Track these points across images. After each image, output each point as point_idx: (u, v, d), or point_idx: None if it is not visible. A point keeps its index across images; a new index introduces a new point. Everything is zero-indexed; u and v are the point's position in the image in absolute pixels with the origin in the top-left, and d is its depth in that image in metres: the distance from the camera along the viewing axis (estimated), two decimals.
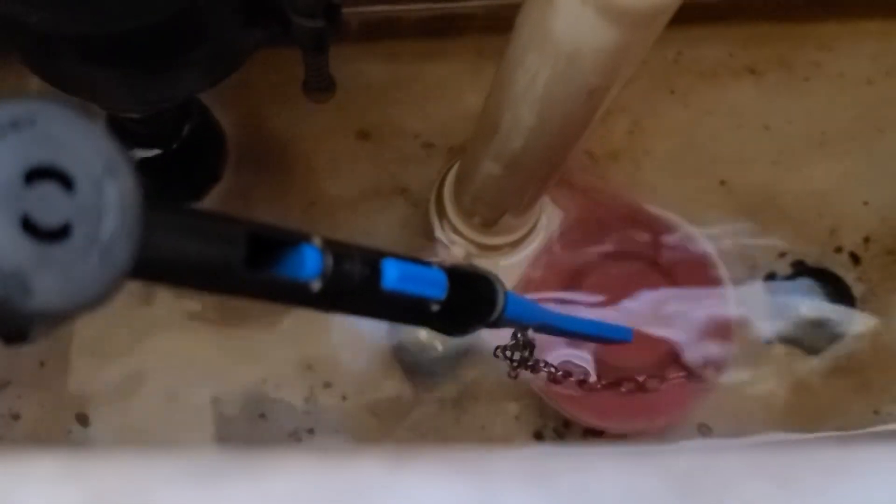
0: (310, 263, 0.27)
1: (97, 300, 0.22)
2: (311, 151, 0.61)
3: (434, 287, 0.31)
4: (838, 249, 0.60)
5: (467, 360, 0.56)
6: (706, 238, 0.57)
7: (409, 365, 0.57)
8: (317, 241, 0.28)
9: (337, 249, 0.28)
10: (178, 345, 0.57)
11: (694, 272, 0.55)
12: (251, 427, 0.55)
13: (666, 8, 0.30)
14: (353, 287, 0.28)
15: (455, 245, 0.55)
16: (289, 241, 0.27)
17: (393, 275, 0.29)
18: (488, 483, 0.15)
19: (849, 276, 0.59)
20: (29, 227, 0.21)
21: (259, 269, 0.26)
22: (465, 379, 0.56)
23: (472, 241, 0.55)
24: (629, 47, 0.32)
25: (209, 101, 0.57)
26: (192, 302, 0.57)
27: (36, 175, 0.21)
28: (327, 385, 0.56)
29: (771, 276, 0.59)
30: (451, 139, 0.61)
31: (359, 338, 0.58)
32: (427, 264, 0.31)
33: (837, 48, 0.64)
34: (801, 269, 0.59)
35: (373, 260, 0.29)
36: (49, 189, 0.21)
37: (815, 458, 0.16)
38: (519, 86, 0.37)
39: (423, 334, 0.57)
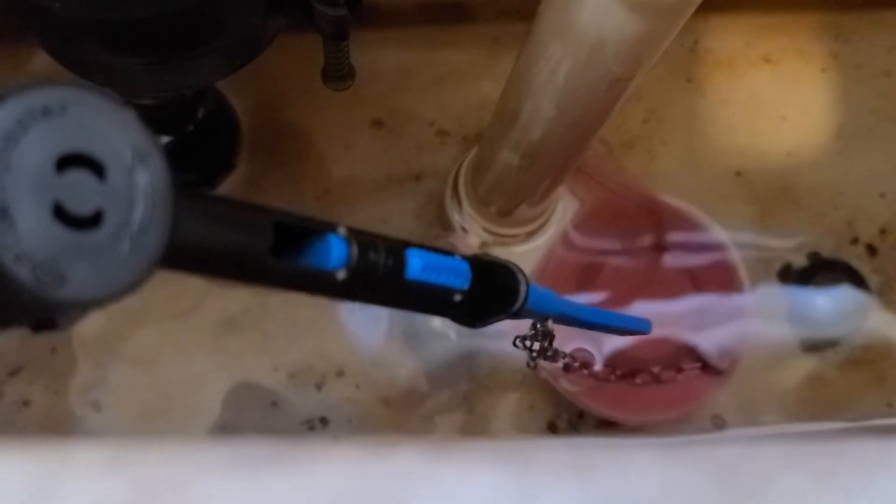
0: (335, 253, 0.27)
1: (128, 289, 0.22)
2: (325, 139, 0.60)
3: (457, 277, 0.31)
4: (854, 241, 0.60)
5: (481, 350, 0.56)
6: (722, 229, 0.57)
7: (423, 354, 0.57)
8: (342, 231, 0.28)
9: (362, 239, 0.28)
10: (191, 332, 0.57)
11: (710, 264, 0.55)
12: (263, 415, 0.55)
13: (689, 0, 0.30)
14: (378, 277, 0.28)
15: (470, 234, 0.55)
16: (315, 231, 0.27)
17: (417, 264, 0.29)
18: (527, 475, 0.15)
19: (864, 267, 0.59)
20: (61, 214, 0.21)
21: (285, 258, 0.26)
22: (479, 369, 0.56)
23: (487, 230, 0.55)
24: (653, 38, 0.32)
25: (223, 86, 0.57)
26: (205, 287, 0.57)
27: (67, 162, 0.21)
28: (340, 374, 0.56)
29: (786, 268, 0.59)
30: (466, 127, 0.61)
31: (372, 326, 0.58)
32: (450, 254, 0.31)
33: (855, 39, 0.63)
34: (816, 261, 0.59)
35: (397, 250, 0.29)
36: (80, 176, 0.21)
37: (853, 451, 0.16)
38: (540, 76, 0.37)
39: (437, 323, 0.57)
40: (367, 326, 0.58)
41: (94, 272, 0.21)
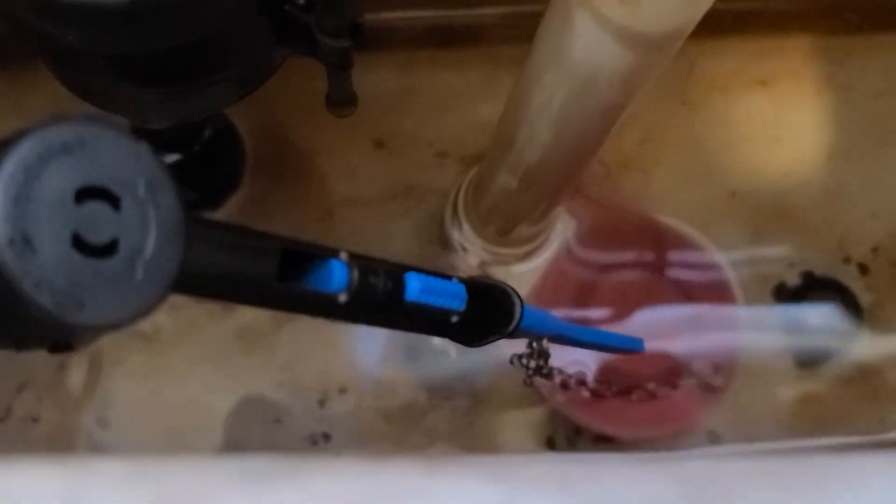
0: (337, 277, 0.28)
1: (142, 313, 0.23)
2: (328, 160, 0.62)
3: (454, 299, 0.32)
4: (846, 260, 0.61)
5: (480, 368, 0.57)
6: (717, 248, 0.58)
7: (423, 371, 0.58)
8: (343, 256, 0.29)
9: (362, 263, 0.29)
10: (196, 349, 0.58)
11: (705, 283, 0.56)
12: (267, 431, 0.57)
13: (680, 33, 0.31)
14: (378, 299, 0.29)
15: (470, 253, 0.56)
16: (318, 256, 0.28)
17: (415, 287, 0.31)
18: (511, 487, 0.16)
19: (857, 285, 0.60)
20: (79, 243, 0.22)
21: (290, 282, 0.28)
22: (478, 386, 0.58)
23: (486, 250, 0.56)
24: (645, 68, 0.33)
25: (228, 109, 0.59)
26: (210, 307, 0.58)
27: (85, 194, 0.22)
28: (342, 390, 0.57)
29: (780, 286, 0.60)
30: (466, 148, 0.62)
31: (373, 344, 0.59)
32: (448, 277, 0.32)
33: (848, 62, 0.65)
34: (809, 279, 0.60)
35: (396, 273, 0.30)
36: (97, 207, 0.22)
37: (817, 464, 0.17)
38: (536, 103, 0.38)
39: (436, 341, 0.58)
40: (368, 345, 0.59)
41: (110, 297, 0.23)
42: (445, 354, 0.58)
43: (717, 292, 0.56)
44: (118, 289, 0.23)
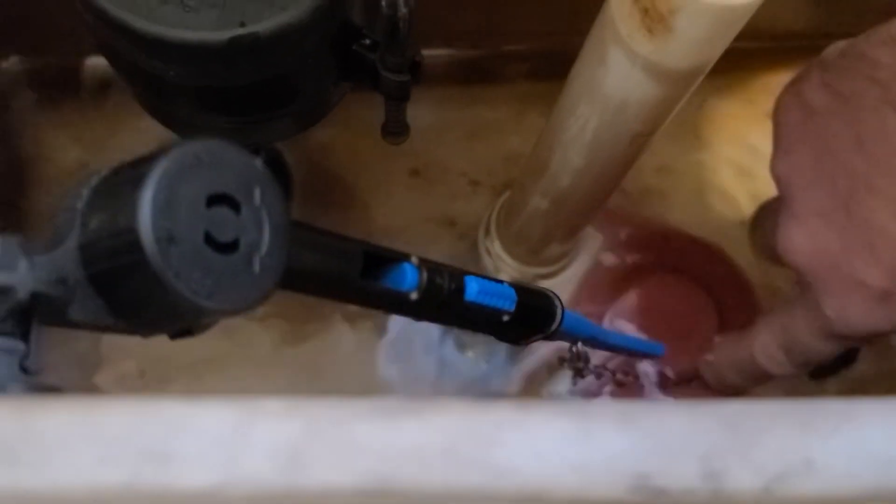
0: (409, 277, 0.33)
1: (259, 300, 0.28)
2: (368, 188, 0.67)
3: (506, 300, 0.37)
4: None
5: (512, 376, 0.62)
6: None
7: (457, 382, 0.62)
8: (415, 260, 0.33)
9: (430, 266, 0.34)
10: (244, 370, 0.62)
11: (731, 291, 0.61)
12: None
13: (702, 68, 0.36)
14: (443, 298, 0.34)
15: (501, 272, 0.61)
16: (393, 259, 0.33)
17: (474, 288, 0.35)
18: (585, 421, 0.21)
19: None
20: (210, 241, 0.26)
21: (371, 280, 0.32)
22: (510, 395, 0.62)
23: (516, 269, 0.60)
24: (670, 100, 0.38)
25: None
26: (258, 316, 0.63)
27: (213, 200, 0.27)
28: None
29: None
30: (496, 178, 0.67)
31: (407, 356, 0.63)
32: (500, 282, 0.37)
33: None
34: None
35: (458, 276, 0.35)
36: (223, 211, 0.27)
37: (828, 408, 0.21)
38: (570, 132, 0.43)
39: (470, 353, 0.63)
40: (401, 356, 0.63)
41: (234, 287, 0.27)
42: (478, 365, 0.62)
43: (743, 297, 0.61)
44: (239, 280, 0.27)
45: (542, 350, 0.61)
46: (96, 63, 0.67)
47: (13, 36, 0.65)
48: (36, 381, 0.26)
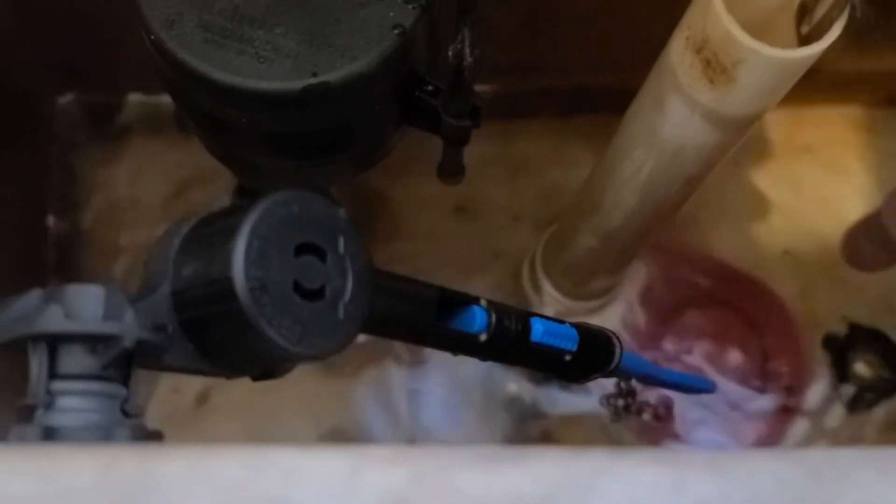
0: (479, 320, 0.34)
1: (343, 345, 0.29)
2: (414, 222, 0.68)
3: (569, 340, 0.38)
4: (890, 310, 0.66)
5: (549, 409, 0.63)
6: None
7: (505, 416, 0.63)
8: (483, 303, 0.35)
9: (498, 308, 0.35)
10: (288, 401, 0.63)
11: (774, 321, 0.62)
12: None
13: (760, 114, 0.37)
14: (510, 339, 0.35)
15: (546, 306, 0.62)
16: (464, 302, 0.34)
17: (539, 329, 0.36)
18: (677, 469, 0.22)
19: None
20: (298, 289, 0.28)
21: (443, 322, 0.33)
22: (551, 425, 0.63)
23: (560, 303, 0.61)
24: (726, 145, 0.39)
25: None
26: None
27: (301, 249, 0.28)
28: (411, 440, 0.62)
29: (829, 337, 0.65)
30: (538, 212, 0.68)
31: (451, 391, 0.64)
32: (563, 322, 0.38)
33: (887, 131, 0.71)
34: (856, 330, 0.65)
35: (524, 317, 0.36)
36: (310, 260, 0.28)
37: None
38: (625, 174, 0.44)
39: (512, 388, 0.64)
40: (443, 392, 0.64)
41: (321, 333, 0.28)
42: (521, 399, 0.63)
43: (785, 330, 0.61)
44: (326, 326, 0.28)
45: None
46: (142, 100, 0.68)
47: (69, 73, 0.67)
48: (137, 424, 0.28)
